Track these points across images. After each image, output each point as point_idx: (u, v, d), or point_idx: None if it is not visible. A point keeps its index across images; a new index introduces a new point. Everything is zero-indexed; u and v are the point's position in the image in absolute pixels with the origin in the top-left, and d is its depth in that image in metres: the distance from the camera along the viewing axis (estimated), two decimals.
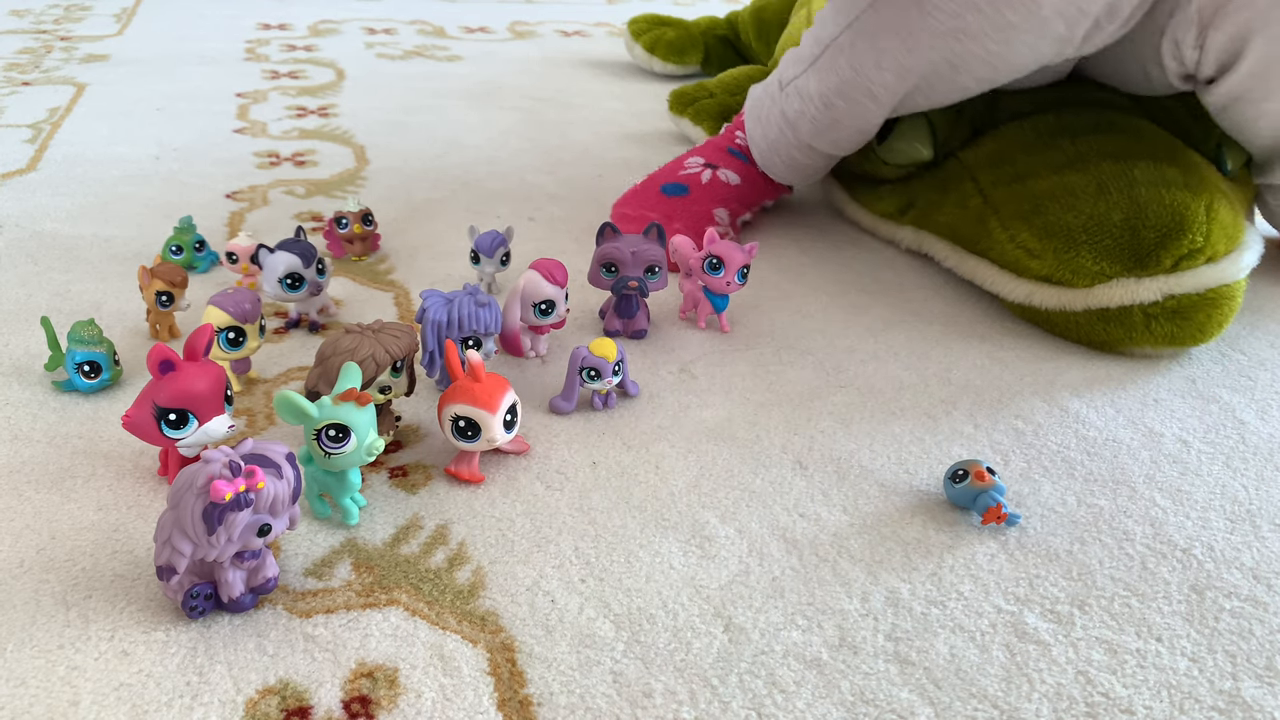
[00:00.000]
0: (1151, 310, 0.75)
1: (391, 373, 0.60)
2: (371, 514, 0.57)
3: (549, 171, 1.14)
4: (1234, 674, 0.49)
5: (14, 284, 0.81)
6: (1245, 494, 0.62)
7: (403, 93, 1.42)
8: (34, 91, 1.33)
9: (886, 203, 0.95)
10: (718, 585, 0.53)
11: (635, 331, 0.78)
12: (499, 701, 0.45)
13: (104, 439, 0.62)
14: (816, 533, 0.57)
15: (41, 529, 0.54)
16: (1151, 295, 0.75)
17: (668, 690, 0.46)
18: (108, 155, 1.11)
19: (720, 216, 0.90)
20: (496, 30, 1.87)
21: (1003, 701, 0.47)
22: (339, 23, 1.85)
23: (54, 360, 0.67)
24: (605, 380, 0.66)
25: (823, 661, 0.48)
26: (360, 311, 0.80)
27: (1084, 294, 0.76)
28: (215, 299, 0.65)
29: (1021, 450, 0.66)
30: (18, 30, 1.65)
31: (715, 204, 0.91)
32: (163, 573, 0.47)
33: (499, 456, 0.62)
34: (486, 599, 0.51)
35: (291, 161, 1.13)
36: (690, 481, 0.61)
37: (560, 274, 0.71)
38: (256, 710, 0.44)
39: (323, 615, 0.50)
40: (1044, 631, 0.51)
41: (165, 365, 0.53)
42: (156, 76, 1.44)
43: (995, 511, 0.57)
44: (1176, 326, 0.75)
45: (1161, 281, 0.74)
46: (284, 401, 0.52)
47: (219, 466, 0.45)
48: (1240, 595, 0.54)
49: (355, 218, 0.87)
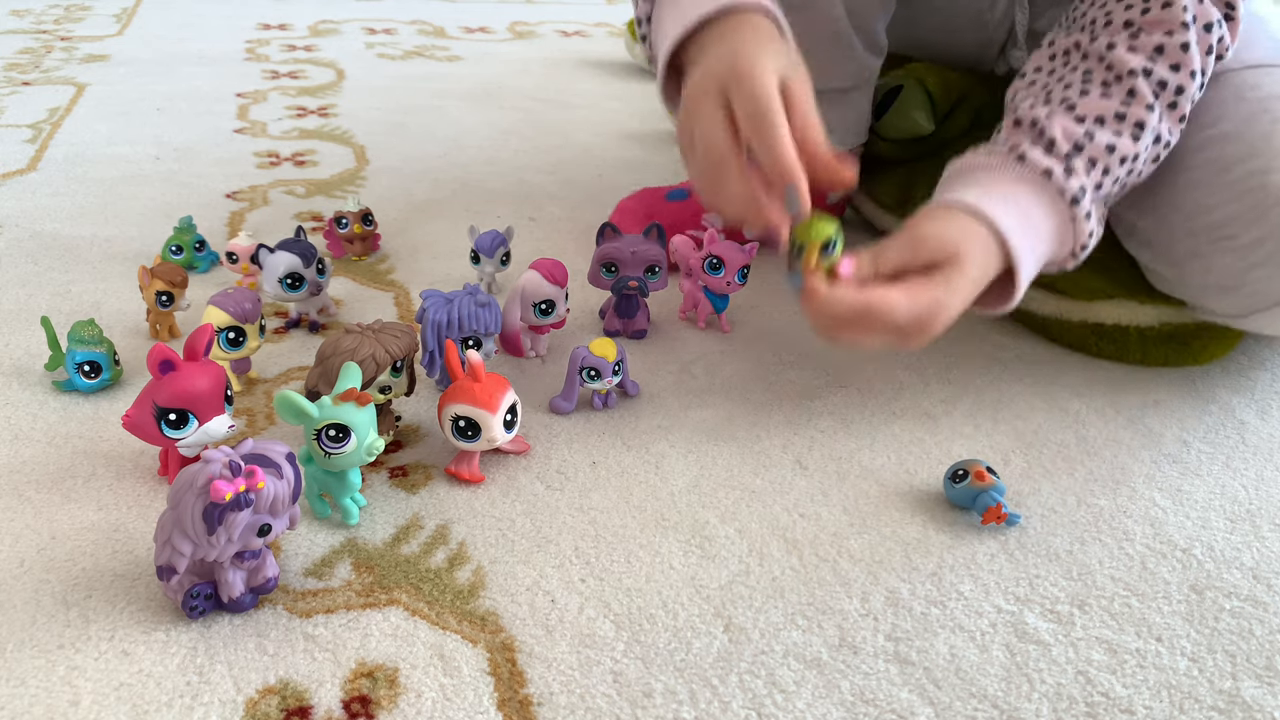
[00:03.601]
0: (1148, 333, 0.75)
1: (391, 373, 0.60)
2: (371, 514, 0.57)
3: (549, 171, 1.14)
4: (1234, 674, 0.49)
5: (14, 284, 0.81)
6: (1245, 494, 0.62)
7: (403, 93, 1.42)
8: (34, 91, 1.33)
9: (887, 193, 0.95)
10: (718, 585, 0.53)
11: (635, 331, 0.78)
12: (499, 701, 0.45)
13: (104, 439, 0.62)
14: (816, 533, 0.57)
15: (41, 529, 0.54)
16: (1150, 320, 0.75)
17: (668, 690, 0.46)
18: (108, 155, 1.11)
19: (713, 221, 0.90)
20: (496, 30, 1.87)
21: (1003, 701, 0.47)
22: (339, 23, 1.85)
23: (54, 360, 0.67)
24: (605, 380, 0.66)
25: (823, 661, 0.48)
26: (360, 311, 0.80)
27: (1082, 306, 0.76)
28: (215, 299, 0.65)
29: (1021, 450, 0.66)
30: (18, 30, 1.65)
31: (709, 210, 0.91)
32: (163, 573, 0.47)
33: (499, 456, 0.62)
34: (486, 599, 0.51)
35: (291, 161, 1.13)
36: (690, 481, 0.61)
37: (560, 274, 0.71)
38: (256, 710, 0.44)
39: (323, 615, 0.50)
40: (1044, 631, 0.51)
41: (165, 365, 0.53)
42: (156, 76, 1.44)
43: (995, 511, 0.57)
44: (1173, 350, 0.75)
45: (1163, 309, 0.74)
46: (284, 401, 0.52)
47: (219, 466, 0.45)
48: (1240, 595, 0.54)
49: (355, 218, 0.87)
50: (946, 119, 0.92)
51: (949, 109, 0.92)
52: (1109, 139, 0.63)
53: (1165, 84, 0.64)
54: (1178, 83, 0.64)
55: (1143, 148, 0.64)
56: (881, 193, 0.96)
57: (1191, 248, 0.69)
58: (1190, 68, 0.64)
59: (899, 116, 0.91)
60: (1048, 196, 0.63)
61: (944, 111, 0.91)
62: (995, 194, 0.62)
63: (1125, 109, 0.64)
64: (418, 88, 1.45)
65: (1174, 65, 0.64)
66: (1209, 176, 0.67)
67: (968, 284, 0.59)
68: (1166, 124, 0.65)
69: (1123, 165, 0.64)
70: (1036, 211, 0.62)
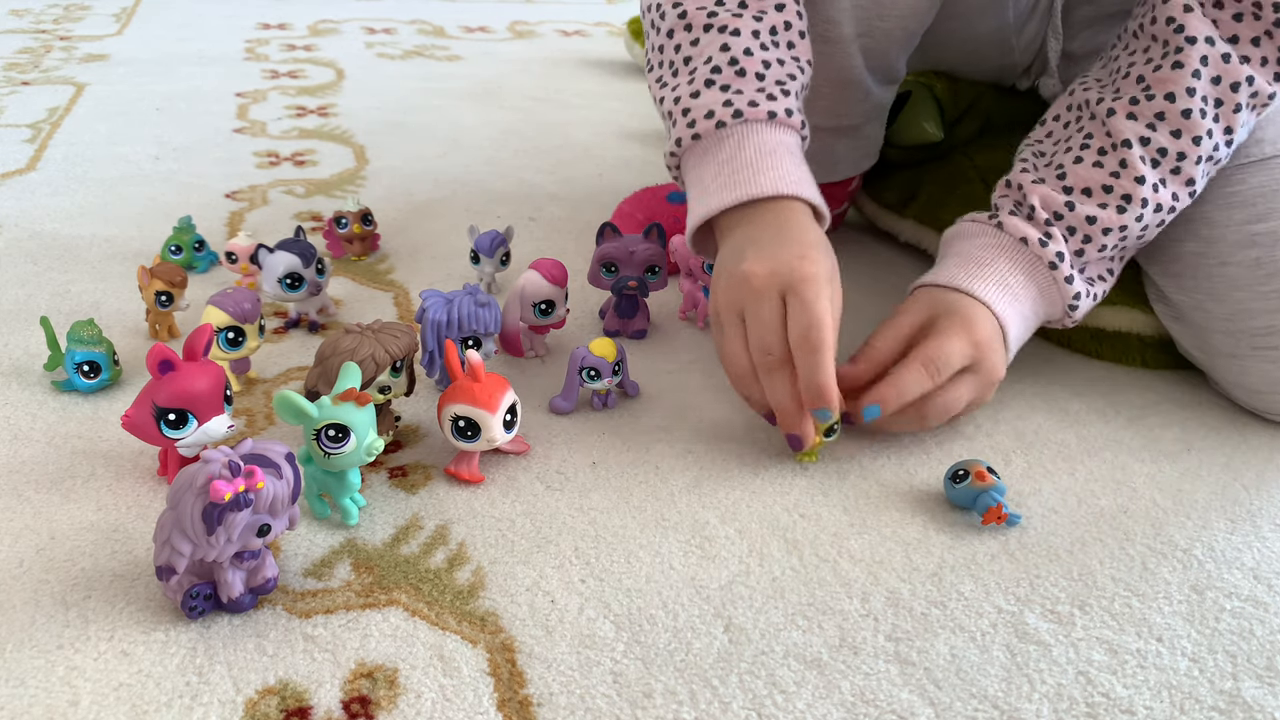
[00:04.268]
0: (1149, 340, 0.75)
1: (391, 373, 0.60)
2: (371, 514, 0.57)
3: (549, 171, 1.14)
4: (1234, 674, 0.49)
5: (14, 284, 0.81)
6: (1246, 495, 0.62)
7: (403, 93, 1.42)
8: (34, 91, 1.33)
9: (891, 193, 0.95)
10: (718, 585, 0.53)
11: (635, 331, 0.78)
12: (499, 702, 0.45)
13: (104, 439, 0.62)
14: (816, 533, 0.57)
15: (41, 529, 0.54)
16: (1151, 330, 0.75)
17: (668, 690, 0.46)
18: (108, 155, 1.11)
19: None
20: (496, 30, 1.87)
21: (1003, 702, 0.47)
22: (339, 22, 1.85)
23: (53, 360, 0.67)
24: (605, 380, 0.66)
25: (823, 662, 0.48)
26: (360, 311, 0.80)
27: None
28: (215, 299, 0.65)
29: (1022, 450, 0.66)
30: (17, 30, 1.65)
31: None
32: (162, 573, 0.47)
33: (499, 456, 0.62)
34: (486, 599, 0.51)
35: (291, 161, 1.13)
36: (690, 481, 0.61)
37: (560, 274, 0.71)
38: (256, 710, 0.44)
39: (322, 615, 0.50)
40: (1044, 631, 0.51)
41: (165, 365, 0.53)
42: (156, 76, 1.44)
43: (996, 511, 0.57)
44: (1173, 357, 0.75)
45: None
46: (284, 401, 0.52)
47: (218, 466, 0.45)
48: (1241, 595, 0.54)
49: (355, 218, 0.87)
50: (955, 125, 0.91)
51: (958, 116, 0.91)
52: (1091, 211, 0.64)
53: (1166, 151, 0.64)
54: (1179, 149, 0.64)
55: (1131, 219, 0.64)
56: (886, 194, 0.95)
57: (1229, 347, 0.68)
58: (1194, 134, 0.63)
59: (907, 124, 0.90)
60: (1024, 261, 0.65)
61: (953, 118, 0.90)
62: (971, 264, 0.65)
63: (1114, 181, 0.64)
64: (418, 88, 1.45)
65: (1175, 132, 0.63)
66: (1254, 280, 0.66)
67: (961, 321, 0.62)
68: (1171, 190, 0.64)
69: (1108, 235, 0.64)
70: (1015, 277, 0.65)
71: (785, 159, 0.63)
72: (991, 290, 0.64)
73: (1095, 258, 0.66)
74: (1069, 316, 0.66)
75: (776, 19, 0.66)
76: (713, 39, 0.65)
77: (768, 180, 0.62)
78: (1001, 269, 0.65)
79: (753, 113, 0.63)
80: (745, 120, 0.63)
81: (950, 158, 0.91)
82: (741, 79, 0.64)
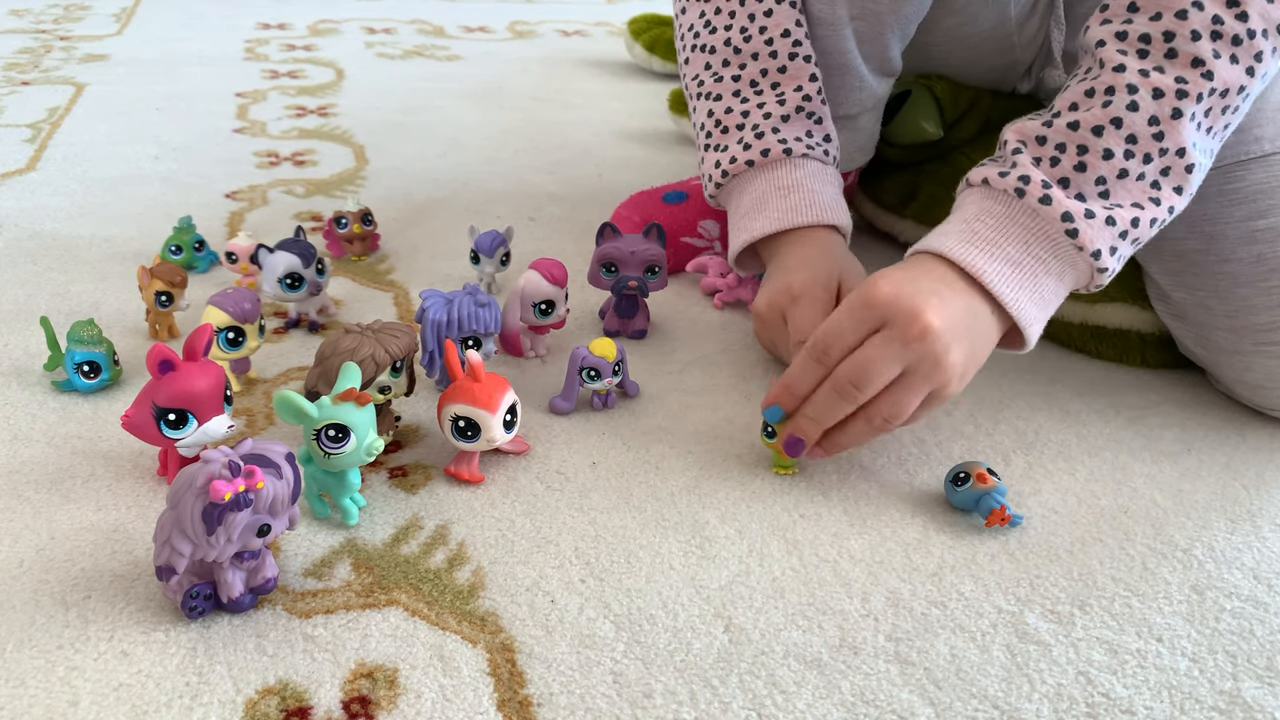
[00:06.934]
0: (1149, 338, 0.75)
1: (391, 373, 0.60)
2: (371, 514, 0.57)
3: (549, 171, 1.14)
4: (1234, 674, 0.49)
5: (14, 284, 0.81)
6: (1246, 495, 0.62)
7: (403, 93, 1.42)
8: (34, 91, 1.33)
9: (890, 193, 0.95)
10: (718, 585, 0.53)
11: (635, 331, 0.78)
12: (499, 702, 0.45)
13: (104, 439, 0.62)
14: (816, 533, 0.57)
15: (41, 529, 0.54)
16: (1151, 327, 0.75)
17: (668, 690, 0.46)
18: (108, 155, 1.11)
19: (708, 230, 0.89)
20: (496, 30, 1.86)
21: (1003, 702, 0.47)
22: (339, 22, 1.85)
23: (53, 360, 0.67)
24: (605, 380, 0.66)
25: (823, 662, 0.48)
26: (360, 311, 0.80)
27: (1084, 308, 0.76)
28: (215, 299, 0.65)
29: (1022, 450, 0.66)
30: (17, 30, 1.65)
31: (706, 215, 0.90)
32: (162, 573, 0.47)
33: (499, 456, 0.62)
34: (486, 599, 0.51)
35: (291, 161, 1.13)
36: (690, 481, 0.61)
37: (560, 274, 0.71)
38: (256, 710, 0.44)
39: (322, 615, 0.50)
40: (1045, 632, 0.51)
41: (165, 365, 0.53)
42: (156, 76, 1.43)
43: (999, 514, 0.57)
44: (1174, 355, 0.75)
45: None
46: (284, 401, 0.52)
47: (218, 466, 0.45)
48: (1241, 595, 0.54)
49: (355, 218, 0.87)
50: (955, 125, 0.91)
51: (958, 116, 0.91)
52: (1074, 117, 0.58)
53: (1149, 38, 0.58)
54: (1167, 46, 0.58)
55: (1121, 108, 0.58)
56: (885, 195, 0.95)
57: (1231, 344, 0.68)
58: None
59: (906, 123, 0.90)
60: (994, 200, 0.59)
61: (952, 118, 0.90)
62: (938, 232, 0.60)
63: (1093, 83, 0.59)
64: (418, 88, 1.45)
65: (1166, 34, 0.57)
66: (1257, 276, 0.65)
67: (922, 273, 0.57)
68: (1173, 74, 0.57)
69: (1100, 135, 0.58)
70: (984, 221, 0.59)
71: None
72: (952, 243, 0.58)
73: (1102, 172, 0.58)
74: (1073, 244, 0.57)
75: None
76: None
77: (809, 214, 0.73)
78: (967, 214, 0.59)
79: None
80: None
81: (950, 158, 0.91)
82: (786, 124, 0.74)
